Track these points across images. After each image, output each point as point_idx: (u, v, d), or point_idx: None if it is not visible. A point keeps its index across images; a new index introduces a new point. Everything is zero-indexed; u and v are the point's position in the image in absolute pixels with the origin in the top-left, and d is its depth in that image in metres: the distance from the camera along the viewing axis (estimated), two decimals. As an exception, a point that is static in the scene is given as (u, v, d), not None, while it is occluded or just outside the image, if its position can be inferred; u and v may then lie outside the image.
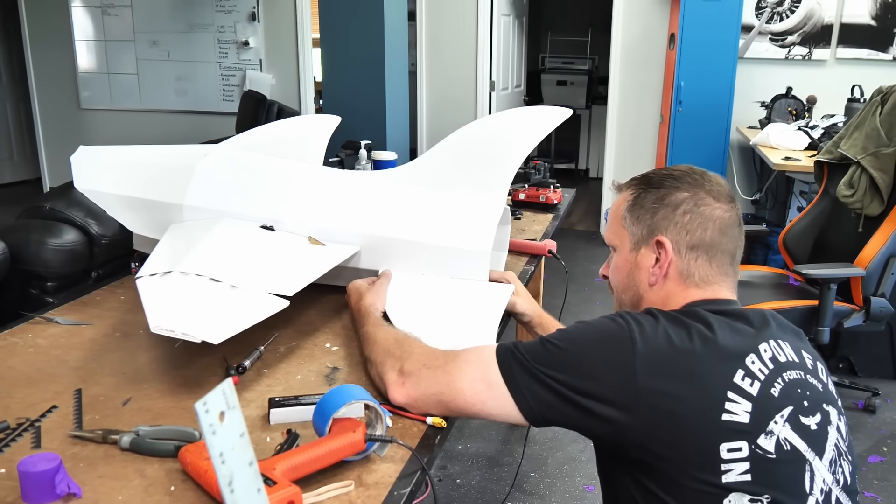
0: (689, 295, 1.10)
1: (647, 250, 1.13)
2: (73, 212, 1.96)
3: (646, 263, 1.13)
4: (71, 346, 1.38)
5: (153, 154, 1.74)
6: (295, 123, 1.91)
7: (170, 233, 1.55)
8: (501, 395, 1.02)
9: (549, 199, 2.43)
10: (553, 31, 8.23)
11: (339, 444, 0.97)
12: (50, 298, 1.88)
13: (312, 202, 1.59)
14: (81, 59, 6.43)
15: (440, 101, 5.89)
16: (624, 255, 1.16)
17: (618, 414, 0.95)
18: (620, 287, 1.18)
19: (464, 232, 1.52)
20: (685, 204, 1.10)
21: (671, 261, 1.10)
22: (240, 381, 1.24)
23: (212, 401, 0.58)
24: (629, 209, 1.16)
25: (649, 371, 0.95)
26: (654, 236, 1.11)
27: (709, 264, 1.10)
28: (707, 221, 1.09)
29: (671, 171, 1.16)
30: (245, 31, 5.99)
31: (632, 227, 1.15)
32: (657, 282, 1.12)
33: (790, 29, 4.97)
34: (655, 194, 1.13)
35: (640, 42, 5.35)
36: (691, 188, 1.11)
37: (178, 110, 6.25)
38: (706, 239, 1.09)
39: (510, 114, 1.64)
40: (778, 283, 3.10)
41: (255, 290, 1.30)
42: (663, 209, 1.11)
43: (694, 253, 1.09)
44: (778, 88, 4.86)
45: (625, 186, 1.21)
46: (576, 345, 1.02)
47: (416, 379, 1.09)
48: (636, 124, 5.50)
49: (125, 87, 6.38)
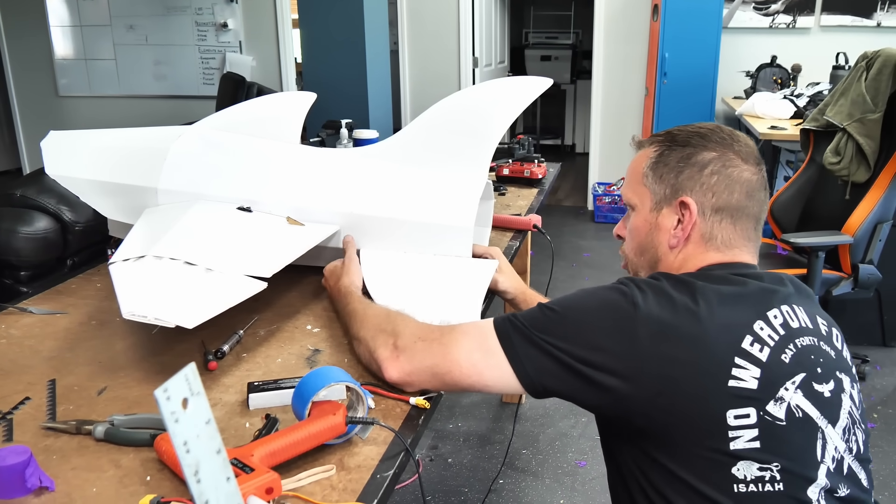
0: (706, 258, 1.05)
1: (668, 211, 1.07)
2: (45, 199, 1.91)
3: (667, 224, 1.07)
4: (45, 336, 1.35)
5: (126, 137, 1.69)
6: (270, 101, 1.86)
7: (144, 217, 1.51)
8: (499, 364, 0.99)
9: (533, 173, 2.40)
10: (536, 6, 8.15)
11: (319, 428, 0.94)
12: (23, 288, 1.83)
13: (290, 182, 1.55)
14: (58, 46, 6.32)
15: (424, 78, 5.82)
16: (643, 214, 1.11)
17: (620, 382, 0.92)
18: (637, 248, 1.13)
19: (445, 208, 1.48)
20: (712, 164, 1.04)
21: (695, 223, 1.05)
22: (218, 366, 1.22)
23: (173, 387, 0.55)
24: (651, 166, 1.09)
25: (652, 336, 0.91)
26: (678, 197, 1.06)
27: (733, 228, 1.05)
28: (734, 184, 1.04)
29: (698, 128, 1.09)
30: (223, 13, 5.89)
31: (654, 185, 1.09)
32: (678, 244, 1.07)
33: (774, -3, 4.92)
34: (681, 152, 1.07)
35: (623, 14, 5.29)
36: (719, 148, 1.05)
37: (158, 95, 6.16)
38: (732, 202, 1.04)
39: (490, 85, 1.60)
40: (766, 253, 3.08)
41: (232, 272, 1.27)
42: (689, 168, 1.06)
43: (718, 216, 1.04)
44: (763, 58, 4.83)
45: (646, 143, 1.14)
46: (576, 311, 0.98)
47: (410, 353, 1.06)
48: (621, 97, 5.46)
49: (103, 73, 6.28)
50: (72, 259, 1.97)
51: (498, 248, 1.56)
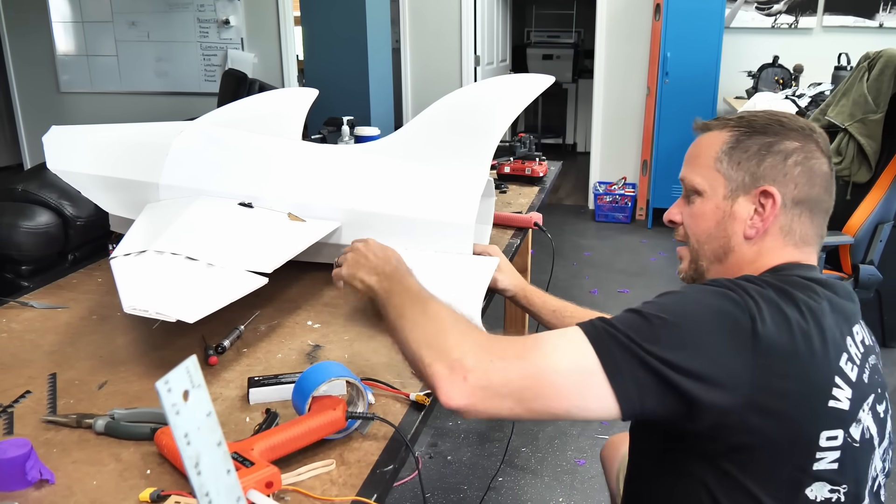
0: (784, 255, 1.00)
1: (745, 199, 1.01)
2: (47, 193, 1.91)
3: (742, 214, 1.01)
4: (46, 331, 1.35)
5: (128, 132, 1.70)
6: (272, 97, 1.86)
7: (145, 212, 1.51)
8: (600, 384, 0.83)
9: (534, 171, 2.40)
10: (538, 5, 8.15)
11: (319, 423, 0.94)
12: (25, 282, 1.84)
13: (291, 178, 1.55)
14: (59, 42, 6.32)
15: (425, 76, 5.82)
16: (715, 201, 1.03)
17: (729, 399, 0.83)
18: (703, 236, 1.05)
19: (446, 205, 1.49)
20: (796, 154, 1.00)
21: (775, 215, 1.00)
22: (219, 361, 1.22)
23: (174, 379, 0.56)
24: (728, 151, 1.02)
25: (767, 352, 0.84)
26: (759, 185, 1.00)
27: (810, 222, 1.01)
28: (815, 176, 1.00)
29: (774, 115, 1.04)
30: (225, 10, 5.89)
31: (730, 171, 1.02)
32: (755, 235, 1.01)
33: (776, -3, 4.92)
34: (761, 139, 1.01)
35: (625, 13, 5.29)
36: (801, 138, 1.01)
37: (160, 92, 6.16)
38: (812, 195, 1.00)
39: (492, 82, 1.60)
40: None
41: (233, 267, 1.27)
42: (771, 156, 1.00)
43: (798, 209, 1.00)
44: (765, 58, 4.82)
45: (716, 126, 1.07)
46: (690, 319, 0.86)
47: (483, 374, 0.84)
48: (623, 97, 5.45)
49: (105, 70, 6.27)
50: (73, 254, 1.97)
51: (497, 247, 1.55)
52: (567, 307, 1.47)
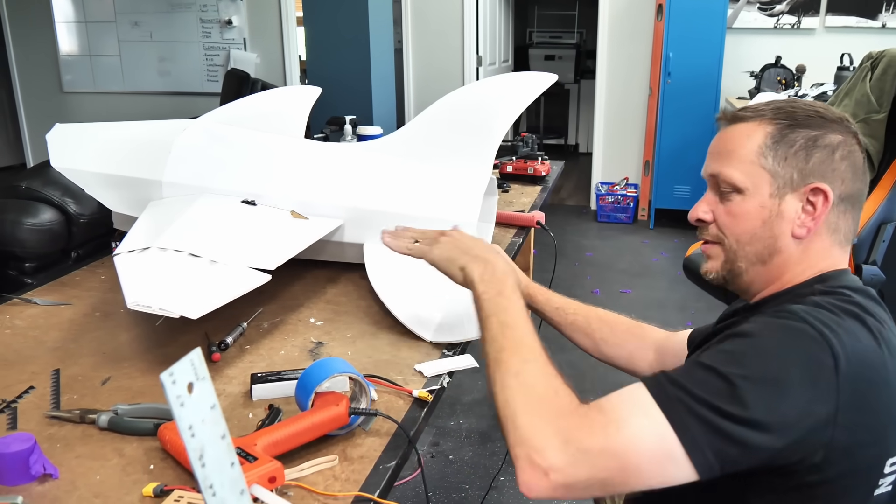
0: (831, 256, 0.97)
1: (793, 197, 0.95)
2: (50, 191, 1.91)
3: (790, 212, 0.95)
4: (49, 327, 1.35)
5: (131, 130, 1.70)
6: (275, 95, 1.87)
7: (149, 209, 1.51)
8: (679, 458, 0.79)
9: (536, 171, 2.40)
10: (540, 6, 8.15)
11: (322, 419, 0.94)
12: (28, 279, 1.84)
13: (294, 176, 1.55)
14: (62, 42, 6.33)
15: (427, 76, 5.82)
16: (759, 199, 0.96)
17: (813, 443, 0.81)
18: (745, 237, 0.98)
19: (449, 203, 1.49)
20: (841, 148, 0.95)
21: (826, 213, 0.95)
22: (221, 358, 1.22)
23: (179, 371, 0.56)
24: (772, 146, 0.96)
25: (851, 388, 0.81)
26: (809, 182, 0.94)
27: (853, 219, 0.98)
28: (859, 170, 0.96)
29: (812, 105, 0.99)
30: (228, 10, 5.90)
31: (776, 167, 0.95)
32: (806, 235, 0.96)
33: (779, -3, 4.92)
34: (807, 133, 0.95)
35: (627, 13, 5.29)
36: (842, 130, 0.96)
37: (162, 92, 6.17)
38: (855, 190, 0.96)
39: (494, 80, 1.61)
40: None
41: (236, 264, 1.27)
42: (819, 151, 0.95)
43: (844, 205, 0.96)
44: (767, 58, 4.83)
45: (752, 117, 0.99)
46: (773, 373, 0.80)
47: (565, 472, 0.79)
48: (625, 97, 5.45)
49: (108, 70, 6.29)
50: (76, 251, 1.97)
51: (497, 246, 1.55)
52: (570, 304, 1.47)
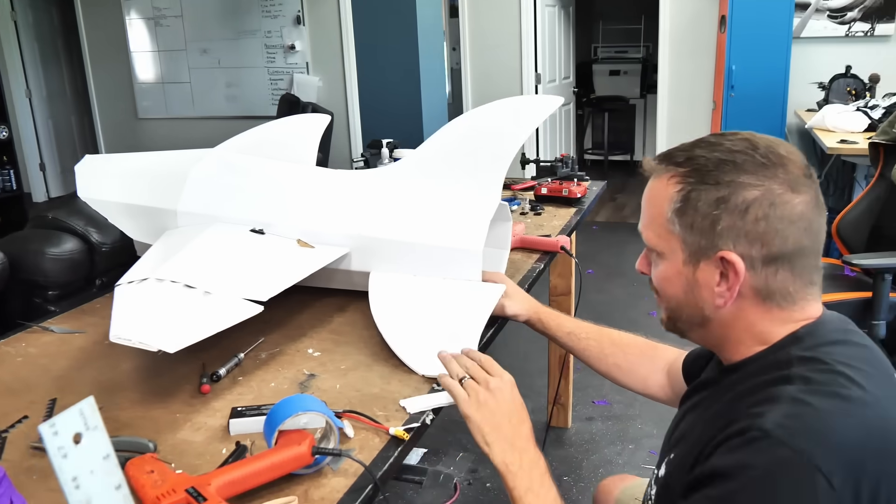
0: (772, 321, 0.87)
1: (707, 265, 0.87)
2: (74, 220, 1.99)
3: (708, 281, 0.87)
4: (59, 355, 1.39)
5: (152, 160, 1.74)
6: (286, 124, 1.88)
7: (161, 239, 1.54)
8: None
9: (571, 192, 2.34)
10: (605, 21, 8.04)
11: (283, 458, 0.93)
12: (52, 307, 1.91)
13: (302, 204, 1.55)
14: (138, 70, 6.63)
15: (486, 96, 5.81)
16: (675, 266, 0.90)
17: None
18: (674, 302, 0.93)
19: (455, 230, 1.46)
20: (755, 207, 0.83)
21: (744, 279, 0.86)
22: (212, 390, 1.22)
23: (62, 422, 0.55)
24: (678, 212, 0.88)
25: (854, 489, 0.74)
26: (717, 251, 0.85)
27: (792, 278, 0.85)
28: (788, 227, 0.83)
29: (726, 147, 0.87)
30: (291, 35, 6.05)
31: (684, 234, 0.88)
32: (725, 305, 0.88)
33: (850, 4, 4.70)
34: (713, 192, 0.85)
35: (690, 26, 5.15)
36: (760, 181, 0.83)
37: (229, 116, 6.37)
38: (787, 249, 0.84)
39: (502, 104, 1.57)
40: (831, 275, 2.91)
41: (230, 295, 1.27)
42: (727, 216, 0.84)
43: (773, 266, 0.85)
44: (837, 68, 4.61)
45: (662, 169, 0.91)
46: None
47: None
48: (688, 112, 5.30)
49: (179, 96, 6.54)
50: (100, 279, 2.04)
51: (503, 274, 1.51)
52: (581, 328, 1.42)
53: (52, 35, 7.23)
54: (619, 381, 1.39)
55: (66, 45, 7.29)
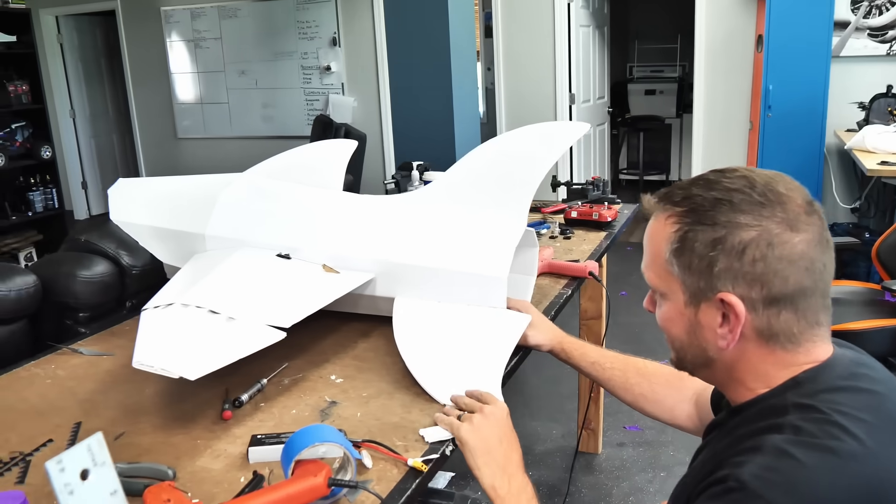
0: (776, 364, 0.85)
1: (708, 307, 0.85)
2: (106, 243, 2.02)
3: (710, 322, 0.86)
4: (87, 378, 1.40)
5: (183, 185, 1.77)
6: (314, 149, 1.90)
7: (189, 263, 1.56)
8: None
9: (602, 216, 2.32)
10: (640, 40, 8.00)
11: (298, 489, 0.92)
12: (83, 328, 1.94)
13: (329, 229, 1.56)
14: (178, 91, 6.77)
15: (519, 116, 5.81)
16: (677, 307, 0.89)
17: None
18: (678, 343, 0.92)
19: (480, 257, 1.45)
20: (752, 248, 0.81)
21: (746, 321, 0.84)
22: (233, 416, 1.22)
23: (69, 459, 0.55)
24: (675, 253, 0.86)
25: None
26: (717, 293, 0.84)
27: (796, 319, 0.83)
28: (787, 267, 0.81)
29: (723, 186, 0.85)
30: (327, 57, 6.13)
31: (683, 276, 0.86)
32: (727, 347, 0.86)
33: (891, 23, 4.60)
34: (710, 233, 0.83)
35: (725, 45, 5.10)
36: (757, 220, 0.81)
37: (266, 136, 6.46)
38: (788, 290, 0.82)
39: (528, 130, 1.56)
40: (871, 300, 2.83)
41: (253, 322, 1.28)
42: (724, 257, 0.82)
43: (775, 308, 0.83)
44: (879, 87, 4.51)
45: (661, 208, 0.89)
46: None
47: None
48: (724, 132, 5.23)
49: (217, 116, 6.67)
50: (131, 301, 2.07)
51: (527, 301, 1.50)
52: (606, 358, 1.40)
53: (97, 56, 7.44)
54: (645, 411, 1.37)
55: (109, 66, 7.49)
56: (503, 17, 5.67)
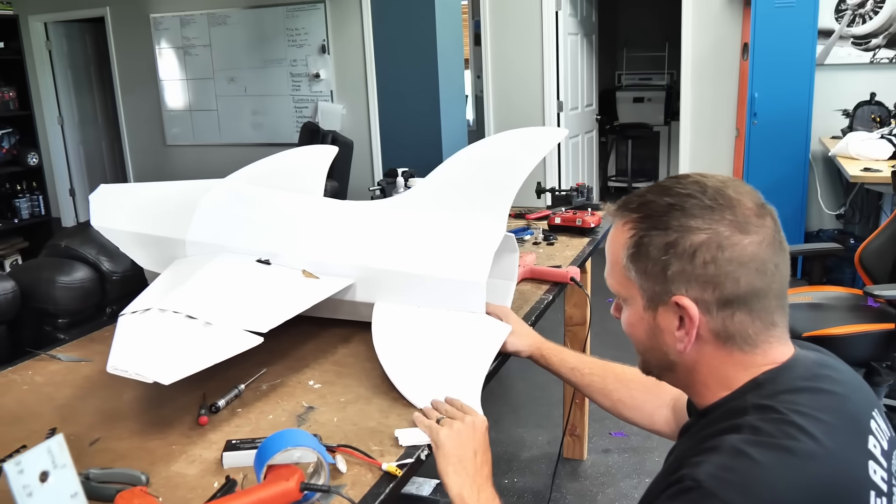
0: (735, 366, 0.86)
1: (665, 310, 0.87)
2: (87, 249, 2.02)
3: (668, 326, 0.88)
4: (64, 384, 1.40)
5: (164, 191, 1.77)
6: (295, 154, 1.90)
7: (170, 269, 1.56)
8: None
9: (585, 222, 2.33)
10: (629, 48, 8.05)
11: (270, 494, 0.92)
12: (62, 335, 1.93)
13: (308, 235, 1.56)
14: (167, 98, 6.76)
15: (508, 123, 5.83)
16: (638, 312, 0.91)
17: None
18: (641, 347, 0.95)
19: (459, 262, 1.45)
20: (703, 251, 0.83)
21: (701, 323, 0.85)
22: (210, 421, 1.22)
23: (28, 460, 0.55)
24: (632, 259, 0.88)
25: None
26: (671, 296, 0.85)
27: (750, 320, 0.84)
28: (738, 269, 0.83)
29: (675, 192, 0.87)
30: (316, 64, 6.14)
31: (641, 281, 0.88)
32: (686, 348, 0.88)
33: (875, 31, 4.64)
34: (662, 238, 0.85)
35: (711, 54, 5.13)
36: (707, 223, 0.83)
37: (255, 143, 6.45)
38: (740, 291, 0.83)
39: (506, 136, 1.57)
40: (854, 306, 2.85)
41: (230, 327, 1.28)
42: (676, 260, 0.84)
43: (728, 310, 0.84)
44: (863, 95, 4.55)
45: (620, 214, 0.92)
46: None
47: None
48: (711, 139, 5.26)
49: (206, 123, 6.66)
50: (111, 307, 2.06)
51: (507, 307, 1.50)
52: (585, 363, 1.41)
53: (86, 63, 7.42)
54: (624, 417, 1.37)
55: (98, 73, 7.48)
56: (492, 25, 5.70)
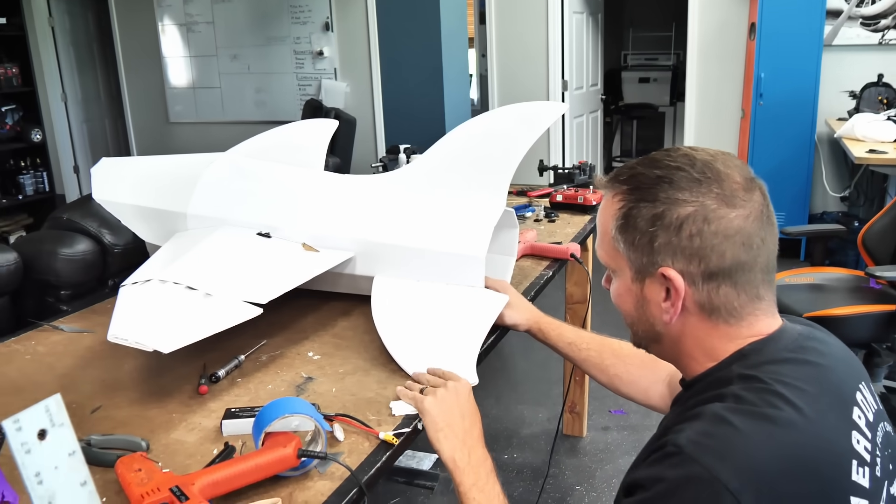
0: (720, 337, 0.87)
1: (652, 282, 0.88)
2: (88, 222, 2.03)
3: (655, 297, 0.88)
4: (66, 354, 1.41)
5: (166, 164, 1.77)
6: (296, 128, 1.90)
7: (170, 241, 1.56)
8: None
9: (587, 200, 2.33)
10: (635, 28, 7.99)
11: (267, 460, 0.93)
12: (64, 306, 1.95)
13: (309, 208, 1.57)
14: (170, 76, 6.74)
15: (512, 102, 5.76)
16: (626, 283, 0.92)
17: None
18: (629, 319, 0.95)
19: (459, 236, 1.45)
20: (689, 224, 0.83)
21: (686, 294, 0.86)
22: (210, 391, 1.23)
23: (26, 418, 0.56)
24: (620, 230, 0.89)
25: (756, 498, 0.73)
26: (657, 267, 0.86)
27: (735, 293, 0.85)
28: (723, 242, 0.83)
29: (665, 164, 0.87)
30: (320, 42, 6.10)
31: (628, 252, 0.89)
32: (672, 319, 0.88)
33: (884, 11, 4.60)
34: (650, 210, 0.85)
35: (718, 34, 5.09)
36: (694, 196, 0.83)
37: (258, 121, 6.43)
38: (725, 264, 0.84)
39: (506, 111, 1.57)
40: (856, 287, 2.85)
41: (230, 298, 1.29)
42: (663, 232, 0.85)
43: (714, 282, 0.84)
44: (869, 76, 4.51)
45: (608, 186, 0.92)
46: None
47: None
48: (716, 120, 5.24)
49: (209, 101, 6.64)
50: (113, 280, 2.08)
51: (506, 281, 1.51)
52: (582, 338, 1.42)
53: (88, 40, 7.39)
54: (621, 392, 1.38)
55: (101, 50, 7.44)
56: (497, 3, 5.65)
